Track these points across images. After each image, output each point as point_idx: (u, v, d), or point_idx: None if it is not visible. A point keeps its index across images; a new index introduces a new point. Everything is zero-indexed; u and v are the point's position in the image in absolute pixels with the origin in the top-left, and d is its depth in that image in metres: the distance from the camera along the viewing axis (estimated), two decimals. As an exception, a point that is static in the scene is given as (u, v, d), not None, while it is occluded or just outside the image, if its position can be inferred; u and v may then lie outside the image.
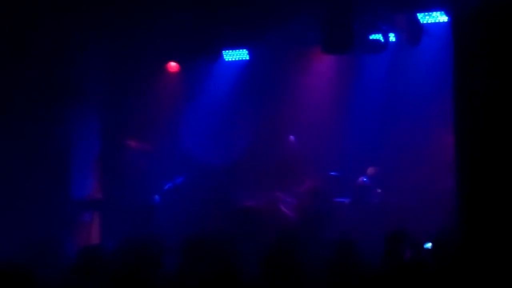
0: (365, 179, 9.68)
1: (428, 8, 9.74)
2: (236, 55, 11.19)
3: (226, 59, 11.19)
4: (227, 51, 11.10)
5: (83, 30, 9.87)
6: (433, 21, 9.79)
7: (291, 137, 10.54)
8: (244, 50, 11.11)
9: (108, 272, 5.62)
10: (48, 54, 9.73)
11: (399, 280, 5.28)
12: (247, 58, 11.17)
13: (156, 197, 10.19)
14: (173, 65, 11.01)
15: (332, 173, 10.15)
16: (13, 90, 9.64)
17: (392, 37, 10.27)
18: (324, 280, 5.52)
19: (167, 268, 6.06)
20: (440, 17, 9.75)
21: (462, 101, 5.30)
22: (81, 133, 10.44)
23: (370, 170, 9.94)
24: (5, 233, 8.93)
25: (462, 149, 5.25)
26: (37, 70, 9.72)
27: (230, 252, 6.34)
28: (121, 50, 10.64)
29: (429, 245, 9.05)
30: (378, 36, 10.18)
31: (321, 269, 5.63)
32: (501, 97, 5.09)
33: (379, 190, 9.80)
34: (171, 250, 6.31)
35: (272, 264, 5.26)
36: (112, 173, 10.45)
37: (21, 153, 9.72)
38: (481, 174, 5.07)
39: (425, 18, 9.78)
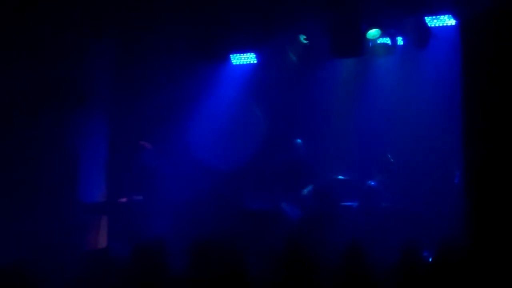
0: (373, 183, 9.66)
1: (436, 12, 9.74)
2: (243, 58, 11.20)
3: (234, 63, 11.20)
4: (234, 54, 11.12)
5: (91, 31, 9.89)
6: (440, 24, 9.80)
7: (298, 141, 10.54)
8: (252, 53, 11.12)
9: (116, 275, 5.63)
10: (55, 56, 9.76)
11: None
12: (255, 61, 11.18)
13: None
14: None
15: (339, 177, 10.13)
16: (21, 93, 9.66)
17: (400, 41, 10.28)
18: (334, 283, 5.52)
19: (174, 271, 6.06)
20: (448, 21, 9.76)
21: (470, 104, 5.29)
22: (90, 135, 10.46)
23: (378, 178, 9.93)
24: (13, 236, 8.95)
25: (471, 152, 5.24)
26: (45, 72, 9.74)
27: (238, 255, 6.34)
28: (129, 52, 10.67)
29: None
30: (386, 40, 10.20)
31: (331, 273, 5.63)
32: (510, 100, 5.08)
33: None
34: (179, 253, 6.31)
35: (284, 266, 5.27)
36: (122, 175, 10.44)
37: (30, 156, 9.74)
38: (490, 177, 5.06)
39: (432, 21, 9.78)
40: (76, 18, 9.51)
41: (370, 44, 10.23)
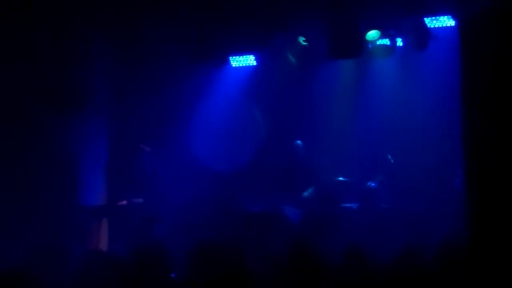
0: (373, 184, 9.66)
1: (435, 13, 9.74)
2: (243, 61, 11.18)
3: (233, 65, 11.19)
4: (234, 57, 11.10)
5: (90, 34, 9.89)
6: (440, 25, 9.80)
7: (299, 142, 10.54)
8: (252, 55, 11.11)
9: (116, 278, 5.62)
10: (55, 59, 9.76)
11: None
12: (254, 63, 11.16)
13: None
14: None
15: (340, 178, 10.13)
16: (21, 95, 9.66)
17: (399, 42, 10.28)
18: (335, 285, 5.51)
19: (175, 274, 6.05)
20: (447, 22, 9.75)
21: (470, 105, 5.28)
22: (89, 138, 10.45)
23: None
24: (13, 239, 8.93)
25: (470, 153, 5.23)
26: (44, 74, 9.75)
27: (238, 258, 6.33)
28: (129, 55, 10.67)
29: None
30: (386, 41, 10.20)
31: (332, 274, 5.62)
32: (510, 101, 5.07)
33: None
34: (179, 255, 6.31)
35: (286, 269, 5.27)
36: (122, 178, 10.45)
37: (30, 159, 9.74)
38: (491, 178, 5.05)
39: (432, 22, 9.78)
40: (75, 20, 9.51)
41: (370, 45, 10.24)
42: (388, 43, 10.23)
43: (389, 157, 10.10)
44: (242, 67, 11.24)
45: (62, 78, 9.92)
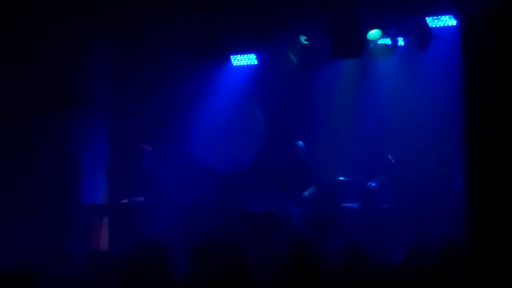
0: (373, 184, 9.66)
1: (437, 12, 9.73)
2: (244, 59, 11.17)
3: (234, 64, 11.18)
4: (235, 56, 11.09)
5: (91, 34, 9.90)
6: (442, 25, 9.79)
7: (300, 143, 10.53)
8: (253, 54, 11.10)
9: (117, 277, 5.62)
10: (55, 59, 9.76)
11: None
12: (256, 62, 11.15)
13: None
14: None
15: (340, 178, 10.13)
16: (21, 96, 9.67)
17: (401, 41, 10.27)
18: (336, 285, 5.51)
19: (176, 273, 6.05)
20: (449, 21, 9.75)
21: (470, 105, 5.27)
22: (90, 137, 10.46)
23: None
24: (14, 239, 8.95)
25: (471, 153, 5.22)
26: (45, 74, 9.75)
27: (239, 257, 6.32)
28: (129, 55, 10.67)
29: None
30: (387, 40, 10.19)
31: (332, 273, 5.62)
32: (510, 101, 5.06)
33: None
34: (180, 255, 6.31)
35: (286, 269, 5.27)
36: (123, 177, 10.45)
37: (31, 159, 9.75)
38: (491, 179, 5.04)
39: (434, 22, 9.77)
40: (75, 20, 9.51)
41: (371, 45, 10.23)
42: (389, 42, 10.22)
43: (390, 157, 10.10)
44: (243, 66, 11.23)
45: (62, 78, 9.93)
